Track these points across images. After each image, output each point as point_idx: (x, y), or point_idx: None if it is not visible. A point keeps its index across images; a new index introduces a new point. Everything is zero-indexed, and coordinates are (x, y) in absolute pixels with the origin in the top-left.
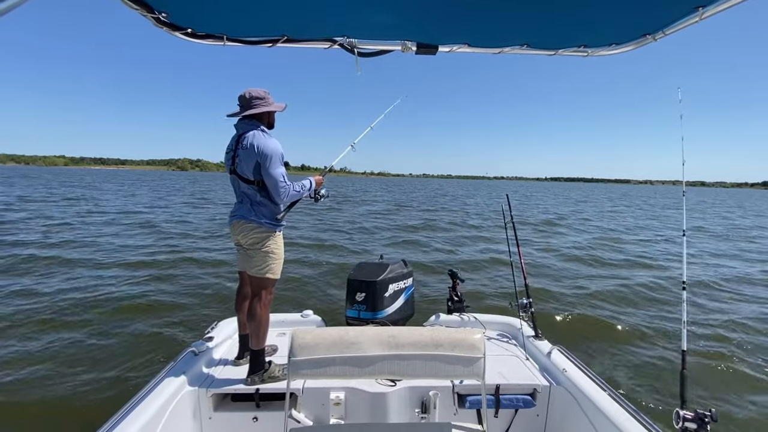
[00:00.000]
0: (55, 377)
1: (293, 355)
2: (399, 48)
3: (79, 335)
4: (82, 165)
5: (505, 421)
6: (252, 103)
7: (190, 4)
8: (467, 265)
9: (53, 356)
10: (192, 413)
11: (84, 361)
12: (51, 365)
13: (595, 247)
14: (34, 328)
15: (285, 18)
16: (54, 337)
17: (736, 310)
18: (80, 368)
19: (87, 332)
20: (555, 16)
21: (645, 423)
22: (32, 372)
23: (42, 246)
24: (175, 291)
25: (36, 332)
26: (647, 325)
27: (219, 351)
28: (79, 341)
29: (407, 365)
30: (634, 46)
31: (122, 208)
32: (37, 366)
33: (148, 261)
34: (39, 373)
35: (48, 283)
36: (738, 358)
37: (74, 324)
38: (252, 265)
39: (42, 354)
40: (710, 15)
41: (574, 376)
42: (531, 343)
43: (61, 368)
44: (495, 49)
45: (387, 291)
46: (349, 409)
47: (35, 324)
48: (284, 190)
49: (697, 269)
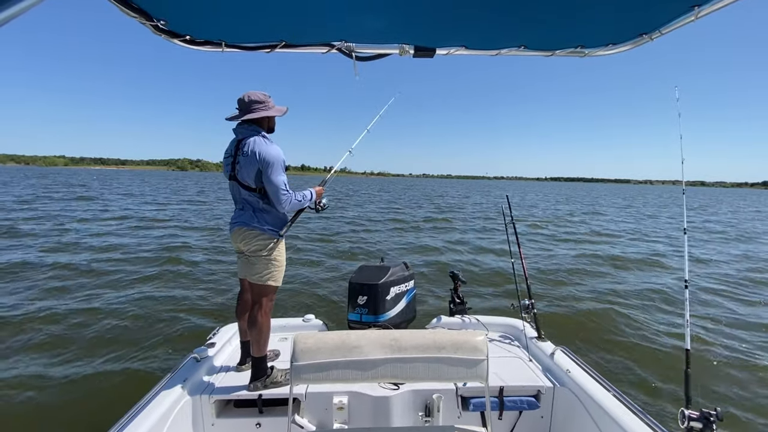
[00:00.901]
0: (54, 385)
1: (295, 360)
2: (397, 51)
3: (77, 341)
4: (82, 165)
5: (510, 423)
6: (252, 107)
7: (188, 11)
8: (468, 266)
9: (51, 360)
10: (194, 420)
11: (84, 369)
12: (49, 371)
13: (594, 247)
14: (31, 333)
15: (283, 23)
16: (52, 342)
17: (739, 308)
18: (80, 377)
19: (86, 339)
20: (551, 17)
21: (650, 423)
22: (30, 378)
23: (44, 250)
24: (177, 296)
25: (32, 333)
26: (650, 323)
27: (221, 357)
28: (77, 349)
29: (410, 368)
30: (630, 45)
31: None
32: (33, 370)
33: (149, 262)
34: (36, 382)
35: (47, 284)
36: (743, 356)
37: (73, 329)
38: (253, 273)
39: (39, 358)
40: (706, 14)
41: (577, 377)
42: (534, 344)
43: (60, 376)
44: (492, 51)
45: (389, 294)
46: (353, 413)
47: (33, 330)
48: (286, 197)
49: (700, 267)
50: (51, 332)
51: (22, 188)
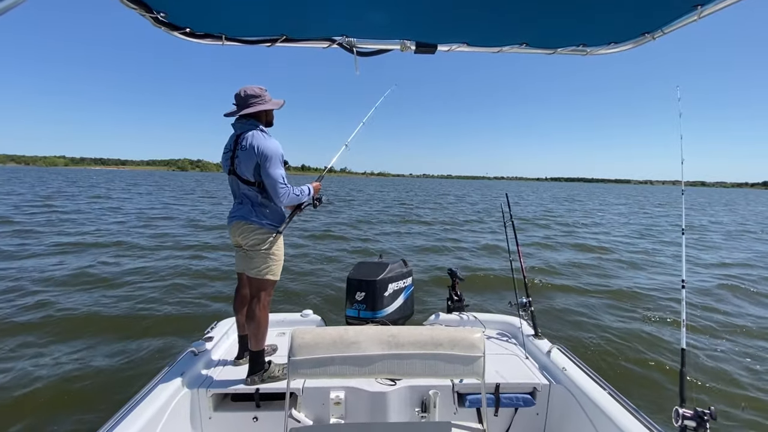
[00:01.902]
0: (52, 377)
1: (293, 355)
2: (398, 47)
3: (76, 335)
4: (82, 165)
5: (505, 420)
6: (248, 101)
7: (188, 3)
8: (467, 264)
9: (48, 355)
10: (192, 413)
11: (82, 363)
12: (46, 364)
13: (595, 246)
14: (28, 324)
15: (284, 17)
16: (49, 338)
17: (735, 308)
18: (78, 370)
19: (85, 333)
20: (554, 15)
21: (644, 421)
22: (27, 370)
23: (44, 251)
24: (174, 291)
25: (30, 331)
26: (646, 323)
27: (218, 351)
28: (76, 342)
29: (407, 364)
30: (632, 44)
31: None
32: (31, 363)
33: (148, 260)
34: (34, 372)
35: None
36: (737, 356)
37: (71, 324)
38: (252, 267)
39: (36, 351)
40: (709, 13)
41: (573, 375)
42: (530, 341)
43: (58, 369)
44: (494, 48)
45: (386, 290)
46: (349, 408)
47: (28, 320)
48: (284, 191)
49: (697, 268)
50: (42, 326)
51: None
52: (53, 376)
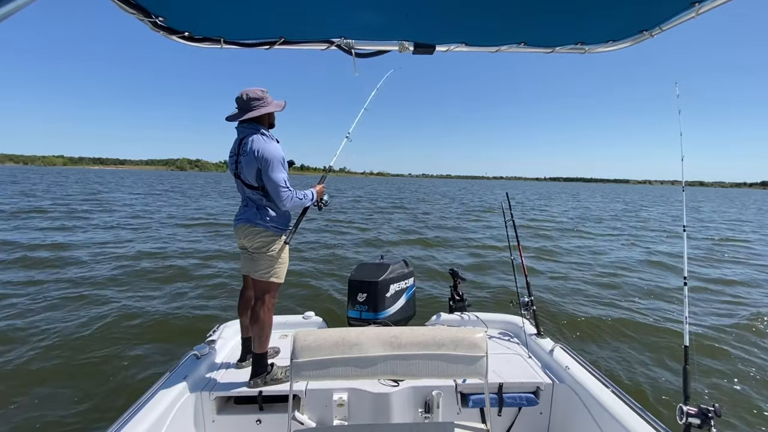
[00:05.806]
0: (55, 381)
1: (295, 357)
2: (396, 48)
3: (78, 339)
4: (80, 165)
5: (509, 420)
6: (250, 104)
7: (187, 8)
8: (468, 264)
9: (52, 360)
10: (195, 417)
11: (84, 366)
12: (50, 369)
13: (595, 246)
14: (30, 329)
15: (282, 20)
16: (51, 341)
17: (737, 306)
18: (81, 373)
19: (86, 336)
20: (552, 13)
21: (648, 419)
22: (30, 373)
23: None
24: (177, 294)
25: (31, 333)
26: (649, 320)
27: (221, 354)
28: (78, 345)
29: (409, 365)
30: (631, 42)
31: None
32: (35, 366)
33: (149, 260)
34: (37, 375)
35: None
36: (741, 353)
37: (72, 327)
38: (256, 269)
39: (39, 355)
40: (706, 10)
41: (576, 374)
42: (533, 341)
43: (61, 373)
44: (492, 47)
45: (388, 291)
46: (353, 410)
47: (31, 326)
48: (286, 195)
49: (698, 266)
50: (42, 326)
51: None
52: (54, 375)
